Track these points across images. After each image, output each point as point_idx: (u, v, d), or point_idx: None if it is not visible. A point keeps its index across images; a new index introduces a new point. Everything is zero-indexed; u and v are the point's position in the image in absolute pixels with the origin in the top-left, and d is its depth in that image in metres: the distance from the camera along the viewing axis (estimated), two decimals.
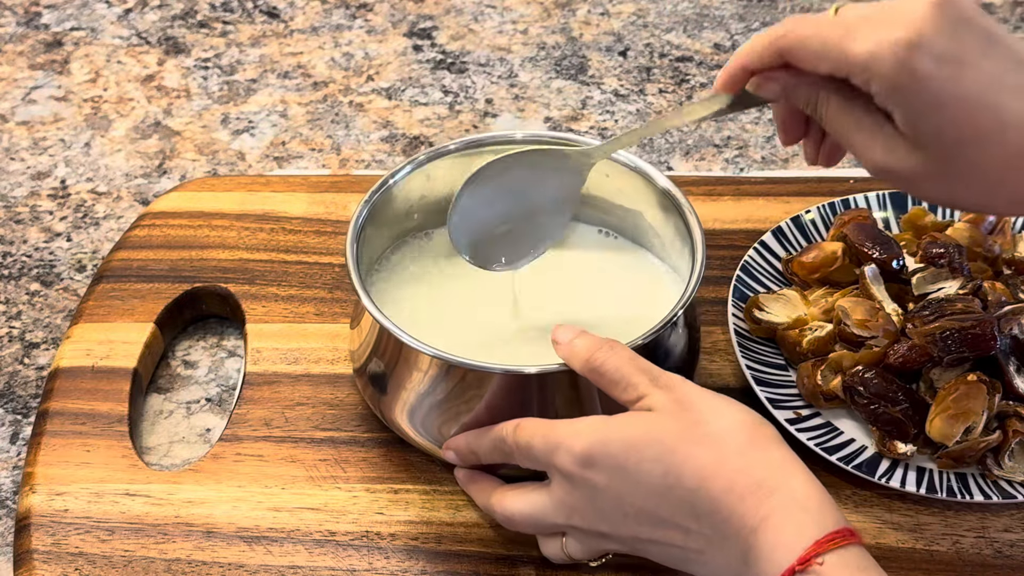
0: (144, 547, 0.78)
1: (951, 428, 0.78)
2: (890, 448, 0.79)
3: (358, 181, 0.99)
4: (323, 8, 1.20)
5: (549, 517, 0.72)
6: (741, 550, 0.64)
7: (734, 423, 0.67)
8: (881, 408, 0.80)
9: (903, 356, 0.81)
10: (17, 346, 0.92)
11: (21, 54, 1.15)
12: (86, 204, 1.02)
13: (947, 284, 0.84)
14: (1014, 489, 0.78)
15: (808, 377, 0.82)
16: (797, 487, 0.65)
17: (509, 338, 0.82)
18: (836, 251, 0.88)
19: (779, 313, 0.86)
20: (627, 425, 0.69)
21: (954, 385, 0.79)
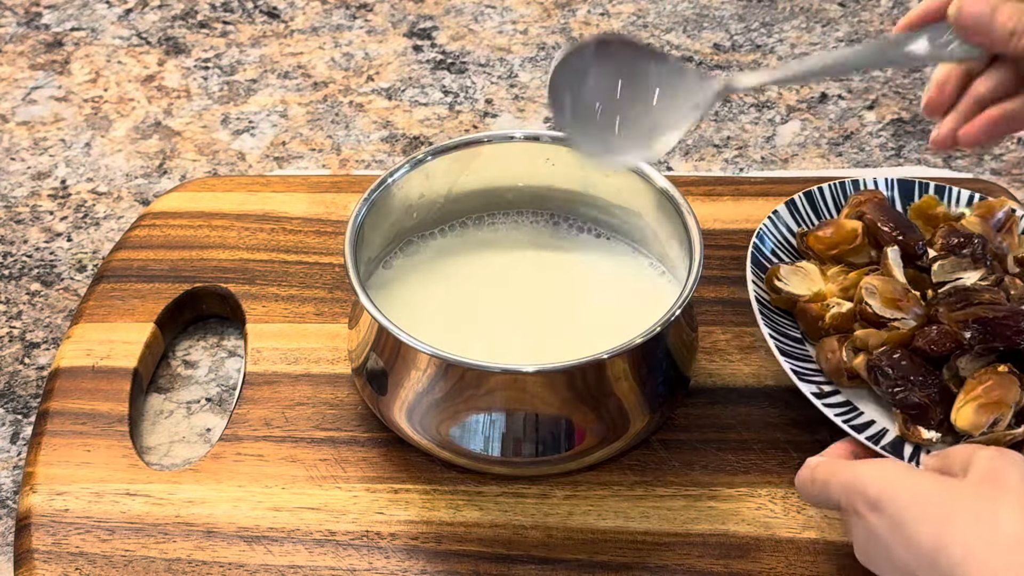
0: (144, 547, 0.78)
1: (980, 418, 0.76)
2: (913, 433, 0.78)
3: (358, 181, 0.99)
4: (323, 8, 1.20)
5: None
6: None
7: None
8: (907, 391, 0.78)
9: (933, 340, 0.79)
10: (17, 346, 0.92)
11: (21, 54, 1.15)
12: (86, 204, 1.02)
13: (967, 275, 0.83)
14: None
15: (833, 352, 0.81)
16: None
17: (508, 337, 0.83)
18: (856, 229, 0.86)
19: (798, 285, 0.84)
20: (925, 482, 0.66)
21: (985, 374, 0.78)
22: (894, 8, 1.19)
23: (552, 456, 0.79)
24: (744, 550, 0.78)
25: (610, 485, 0.81)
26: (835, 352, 0.80)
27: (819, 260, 0.87)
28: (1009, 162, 1.05)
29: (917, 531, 0.64)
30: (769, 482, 0.81)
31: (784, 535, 0.78)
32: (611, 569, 0.77)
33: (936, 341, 0.79)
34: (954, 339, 0.79)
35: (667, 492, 0.80)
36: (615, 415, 0.79)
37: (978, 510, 0.63)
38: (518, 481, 0.81)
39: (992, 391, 0.77)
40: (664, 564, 0.77)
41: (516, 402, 0.77)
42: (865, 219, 0.86)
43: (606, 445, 0.79)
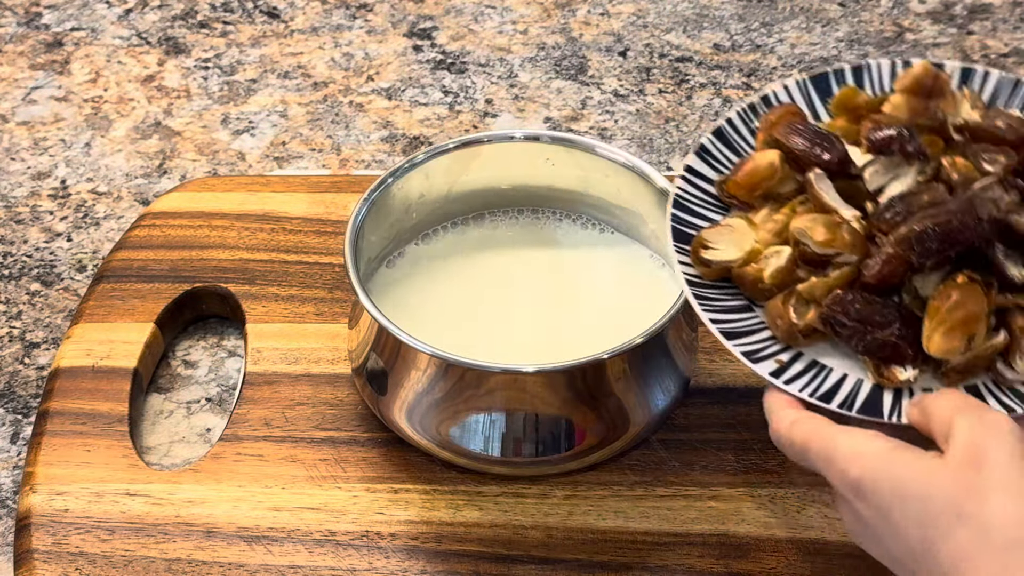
0: (144, 547, 0.78)
1: (953, 342, 0.70)
2: (889, 377, 0.71)
3: (358, 181, 0.99)
4: (323, 8, 1.20)
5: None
6: None
7: (1014, 512, 0.60)
8: (870, 334, 0.71)
9: (880, 271, 0.71)
10: (17, 346, 0.92)
11: (21, 54, 1.15)
12: (86, 204, 1.02)
13: (903, 171, 0.75)
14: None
15: (781, 317, 0.73)
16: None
17: (508, 337, 0.83)
18: (772, 161, 0.77)
19: (728, 248, 0.76)
20: (905, 466, 0.63)
21: (945, 292, 0.70)
22: (894, 8, 1.19)
23: (552, 456, 0.79)
24: (744, 550, 0.78)
25: (610, 485, 0.81)
26: (783, 316, 0.73)
27: (745, 207, 0.79)
28: None
29: (904, 528, 0.62)
30: (769, 482, 0.81)
31: (784, 535, 0.78)
32: (611, 569, 0.77)
33: (884, 273, 0.71)
34: (902, 262, 0.71)
35: (667, 492, 0.80)
36: (615, 415, 0.79)
37: (962, 505, 0.60)
38: (518, 481, 0.81)
39: (956, 311, 0.69)
40: (664, 564, 0.77)
41: (516, 402, 0.77)
42: (779, 145, 0.77)
43: (606, 445, 0.79)
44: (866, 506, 0.64)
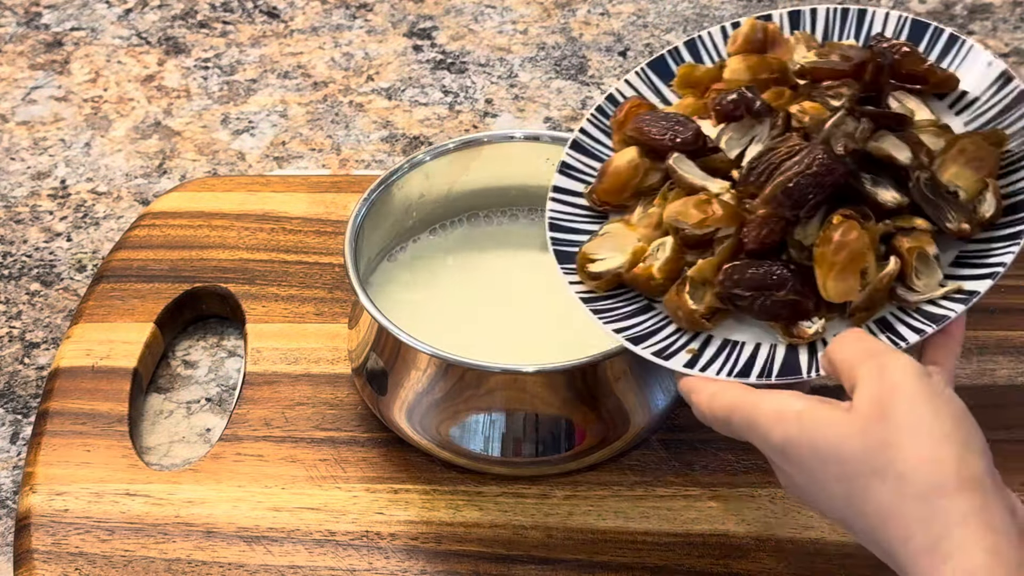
0: (144, 547, 0.78)
1: (847, 282, 0.69)
2: (799, 334, 0.71)
3: (358, 181, 0.99)
4: (323, 8, 1.20)
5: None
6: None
7: (928, 456, 0.60)
8: (768, 298, 0.70)
9: (759, 236, 0.71)
10: (17, 346, 0.92)
11: (21, 54, 1.15)
12: (86, 204, 1.02)
13: (757, 131, 0.75)
14: (942, 308, 0.70)
15: (679, 307, 0.73)
16: (972, 558, 0.57)
17: (508, 337, 0.83)
18: (631, 159, 0.77)
19: (613, 255, 0.76)
20: (817, 428, 0.63)
21: (826, 236, 0.69)
22: (894, 8, 1.19)
23: (552, 456, 0.79)
24: (744, 550, 0.78)
25: (610, 485, 0.81)
26: (680, 306, 0.73)
27: (621, 210, 0.79)
28: None
29: (830, 488, 0.63)
30: (769, 482, 0.81)
31: (784, 535, 0.78)
32: (611, 569, 0.77)
33: (763, 236, 0.71)
34: (778, 220, 0.71)
35: (667, 492, 0.80)
36: (615, 415, 0.79)
37: (875, 461, 0.61)
38: (518, 481, 0.81)
39: (841, 252, 0.69)
40: (664, 564, 0.77)
41: (516, 402, 0.77)
42: (634, 141, 0.78)
43: (606, 445, 0.79)
44: (793, 469, 0.65)
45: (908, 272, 0.70)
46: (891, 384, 0.62)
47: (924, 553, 0.59)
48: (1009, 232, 0.71)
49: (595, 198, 0.79)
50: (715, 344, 0.73)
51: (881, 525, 0.61)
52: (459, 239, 0.89)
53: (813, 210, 0.71)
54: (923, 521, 0.59)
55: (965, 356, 0.87)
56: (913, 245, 0.70)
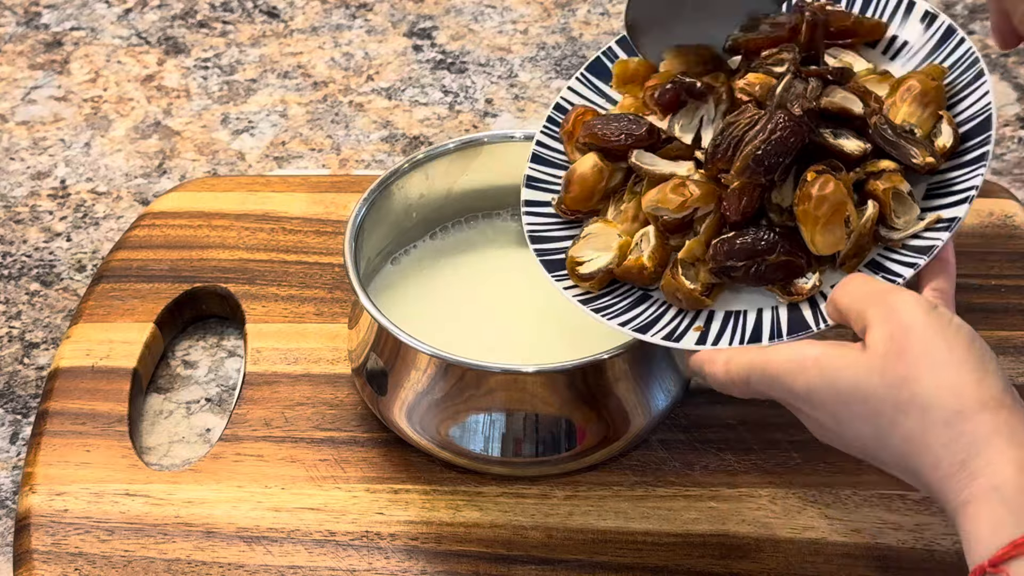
0: (144, 547, 0.78)
1: (833, 234, 0.72)
2: (797, 292, 0.73)
3: (358, 181, 0.99)
4: (323, 8, 1.20)
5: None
6: (952, 518, 0.62)
7: (947, 384, 0.62)
8: (762, 263, 0.73)
9: (739, 206, 0.73)
10: (17, 346, 0.92)
11: (21, 54, 1.15)
12: (86, 204, 1.02)
13: (705, 112, 0.77)
14: (927, 239, 0.72)
15: (677, 290, 0.74)
16: (1001, 472, 0.60)
17: (508, 337, 0.82)
18: (594, 163, 0.78)
19: (600, 254, 0.77)
20: (838, 372, 0.65)
21: (804, 194, 0.71)
22: None
23: (552, 456, 0.79)
24: (744, 550, 0.78)
25: (610, 485, 0.81)
26: (677, 288, 0.74)
27: (593, 214, 0.80)
28: (1010, 162, 1.05)
29: (856, 427, 0.65)
30: (770, 482, 0.81)
31: (784, 535, 0.78)
32: (611, 569, 0.77)
33: (743, 205, 0.73)
34: (754, 188, 0.73)
35: (667, 492, 0.80)
36: (615, 415, 0.79)
37: (898, 397, 0.63)
38: (518, 481, 0.81)
39: (822, 206, 0.71)
40: (664, 564, 0.77)
41: (516, 402, 0.77)
42: (589, 146, 0.79)
43: (606, 445, 0.79)
44: (819, 414, 0.67)
45: (887, 212, 0.72)
46: (902, 321, 0.64)
47: (953, 475, 0.61)
48: (973, 156, 0.74)
49: (564, 208, 0.80)
50: (719, 318, 0.74)
51: (910, 455, 0.63)
52: (459, 239, 0.89)
53: (785, 172, 0.73)
54: (949, 445, 0.61)
55: None
56: (887, 186, 0.73)
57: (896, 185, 0.73)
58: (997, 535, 0.59)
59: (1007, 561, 0.58)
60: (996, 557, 0.58)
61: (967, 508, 0.60)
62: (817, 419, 0.67)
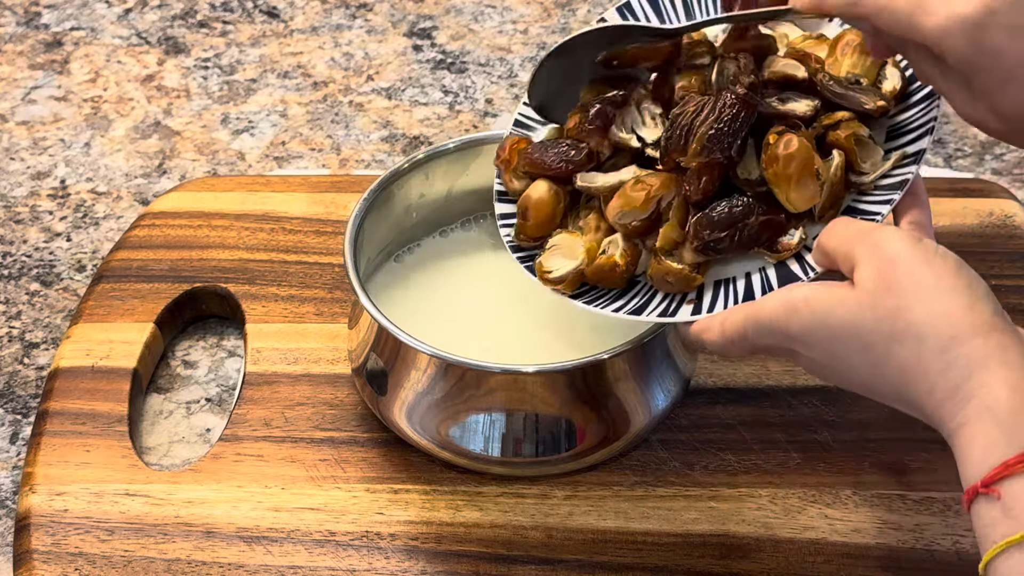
0: (144, 547, 0.78)
1: (808, 188, 0.73)
2: (783, 249, 0.74)
3: (358, 181, 0.99)
4: (323, 8, 1.20)
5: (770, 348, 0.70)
6: (949, 443, 0.63)
7: (939, 312, 0.63)
8: (744, 228, 0.73)
9: (702, 186, 0.74)
10: (17, 346, 0.92)
11: (21, 54, 1.15)
12: (86, 204, 1.02)
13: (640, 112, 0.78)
14: (897, 176, 0.74)
15: (668, 273, 0.75)
16: (993, 393, 0.60)
17: (508, 337, 0.82)
18: (547, 189, 0.79)
19: (568, 261, 0.78)
20: (829, 311, 0.66)
21: (771, 157, 0.73)
22: None
23: (552, 456, 0.79)
24: (744, 550, 0.78)
25: (610, 485, 0.81)
26: (667, 272, 0.75)
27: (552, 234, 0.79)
28: (1010, 162, 1.05)
29: (852, 362, 0.66)
30: (770, 482, 0.81)
31: (784, 535, 0.78)
32: (611, 569, 0.77)
33: (704, 185, 0.74)
34: (715, 166, 0.73)
35: (667, 492, 0.80)
36: (615, 415, 0.79)
37: (892, 329, 0.64)
38: (518, 481, 0.81)
39: (791, 164, 0.72)
40: (664, 564, 0.77)
41: (516, 402, 0.77)
42: (535, 176, 0.79)
43: (606, 445, 0.79)
44: (814, 353, 0.67)
45: (853, 159, 0.74)
46: (888, 255, 0.65)
47: (948, 400, 0.62)
48: (924, 94, 0.76)
49: (525, 237, 0.80)
50: (709, 289, 0.75)
51: (906, 384, 0.63)
52: (459, 239, 0.88)
53: (742, 147, 0.74)
54: (944, 371, 0.62)
55: None
56: (847, 133, 0.74)
57: (855, 131, 0.74)
58: (990, 456, 0.59)
59: (999, 481, 0.58)
60: (988, 477, 0.59)
61: (962, 431, 0.61)
62: (813, 359, 0.68)
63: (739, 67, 0.76)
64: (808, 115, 0.75)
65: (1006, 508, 0.58)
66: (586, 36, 0.78)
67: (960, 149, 1.05)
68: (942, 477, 0.81)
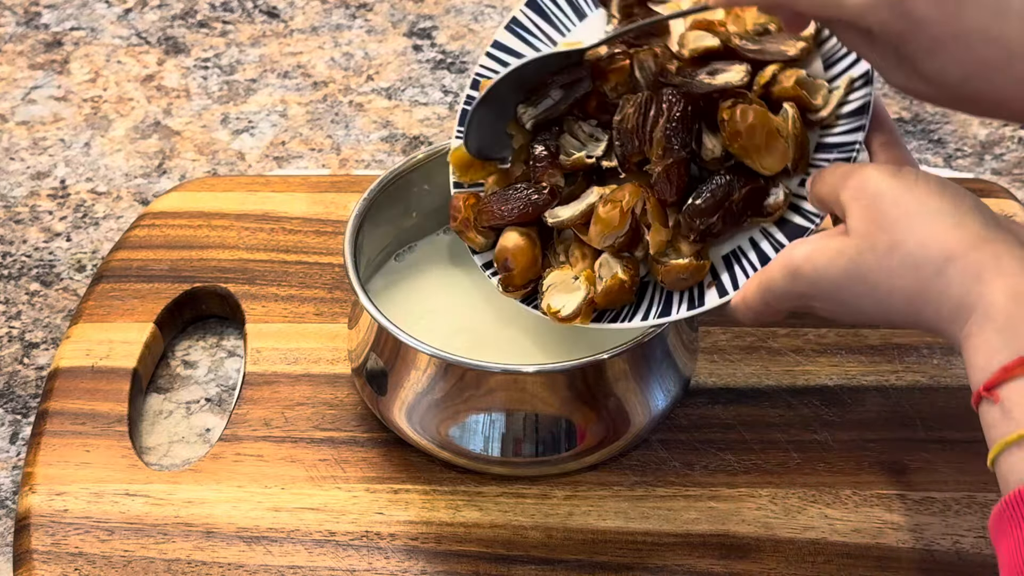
0: (144, 547, 0.78)
1: (777, 149, 0.74)
2: (774, 208, 0.74)
3: (358, 181, 0.99)
4: (323, 8, 1.20)
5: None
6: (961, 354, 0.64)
7: (928, 237, 0.64)
8: (732, 206, 0.74)
9: (672, 185, 0.74)
10: (17, 346, 0.92)
11: (21, 54, 1.15)
12: (86, 204, 1.02)
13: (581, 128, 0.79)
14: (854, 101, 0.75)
15: (677, 271, 0.75)
16: (991, 301, 0.62)
17: (508, 337, 0.82)
18: (522, 233, 0.79)
19: (572, 295, 0.77)
20: (830, 263, 0.67)
21: (732, 133, 0.73)
22: None
23: (552, 456, 0.79)
24: (744, 550, 0.78)
25: (610, 485, 0.81)
26: (676, 269, 0.75)
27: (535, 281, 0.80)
28: (1010, 162, 1.05)
29: (860, 305, 0.67)
30: (770, 482, 0.81)
31: (784, 535, 0.78)
32: (611, 569, 0.77)
33: (675, 183, 0.74)
34: (679, 164, 0.74)
35: (667, 492, 0.80)
36: (615, 415, 0.79)
37: (889, 265, 0.65)
38: (518, 481, 0.81)
39: (753, 132, 0.73)
40: (664, 564, 0.77)
41: (516, 402, 0.77)
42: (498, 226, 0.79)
43: (606, 445, 0.79)
44: (827, 304, 0.69)
45: (805, 102, 0.75)
46: (872, 194, 0.67)
47: (954, 317, 0.63)
48: None
49: (514, 286, 0.79)
50: (722, 267, 0.76)
51: (916, 313, 0.65)
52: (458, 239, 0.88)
53: (698, 134, 0.75)
54: (946, 291, 0.63)
55: None
56: (788, 82, 0.75)
57: (795, 76, 0.75)
58: (991, 361, 0.61)
59: (999, 385, 0.60)
60: (988, 382, 0.60)
61: (968, 341, 0.62)
62: (828, 308, 0.69)
63: (656, 56, 0.77)
64: (746, 80, 0.75)
65: (1005, 410, 0.60)
66: (506, 78, 0.78)
67: (960, 149, 1.05)
68: (942, 477, 0.81)
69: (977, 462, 0.81)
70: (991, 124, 1.07)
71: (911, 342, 0.88)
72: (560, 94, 0.79)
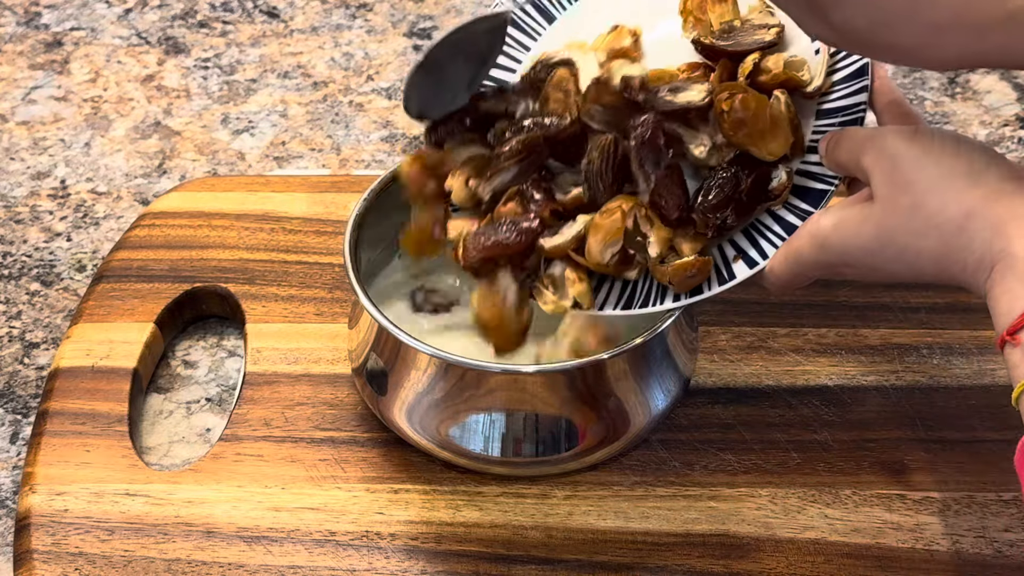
0: (144, 547, 0.78)
1: (781, 132, 0.74)
2: (781, 188, 0.74)
3: (358, 181, 0.99)
4: (323, 8, 1.20)
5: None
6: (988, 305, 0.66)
7: (947, 195, 0.66)
8: (741, 197, 0.74)
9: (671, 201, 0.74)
10: (17, 346, 0.92)
11: (21, 54, 1.15)
12: (86, 204, 1.02)
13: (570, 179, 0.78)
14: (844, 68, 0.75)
15: (685, 270, 0.74)
16: (1012, 253, 0.64)
17: None
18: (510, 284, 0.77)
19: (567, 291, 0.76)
20: (858, 231, 0.69)
21: (734, 122, 0.73)
22: None
23: (552, 456, 0.79)
24: (744, 550, 0.78)
25: (610, 485, 0.81)
26: (684, 270, 0.74)
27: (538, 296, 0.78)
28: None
29: (891, 268, 0.69)
30: (769, 482, 0.81)
31: (784, 535, 0.78)
32: (611, 569, 0.77)
33: (678, 197, 0.74)
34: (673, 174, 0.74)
35: (667, 492, 0.80)
36: (615, 415, 0.79)
37: (914, 227, 0.67)
38: (518, 481, 0.81)
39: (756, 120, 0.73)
40: (664, 564, 0.77)
41: (516, 402, 0.77)
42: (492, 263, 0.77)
43: (606, 445, 0.79)
44: (859, 269, 0.70)
45: (795, 81, 0.75)
46: (891, 156, 0.68)
47: (978, 270, 0.65)
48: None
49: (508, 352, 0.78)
50: (745, 241, 0.75)
51: (944, 270, 0.67)
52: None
53: (680, 143, 0.75)
54: (967, 247, 0.65)
55: (965, 356, 0.87)
56: (774, 69, 0.75)
57: (777, 54, 0.75)
58: (1013, 307, 0.63)
59: (1020, 330, 0.62)
60: (1012, 326, 0.62)
61: (992, 291, 0.64)
62: (859, 273, 0.71)
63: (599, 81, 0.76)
64: (707, 100, 0.74)
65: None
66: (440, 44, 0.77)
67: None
68: (942, 477, 0.81)
69: (977, 462, 0.82)
70: (991, 124, 1.07)
71: (911, 342, 0.88)
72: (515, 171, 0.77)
